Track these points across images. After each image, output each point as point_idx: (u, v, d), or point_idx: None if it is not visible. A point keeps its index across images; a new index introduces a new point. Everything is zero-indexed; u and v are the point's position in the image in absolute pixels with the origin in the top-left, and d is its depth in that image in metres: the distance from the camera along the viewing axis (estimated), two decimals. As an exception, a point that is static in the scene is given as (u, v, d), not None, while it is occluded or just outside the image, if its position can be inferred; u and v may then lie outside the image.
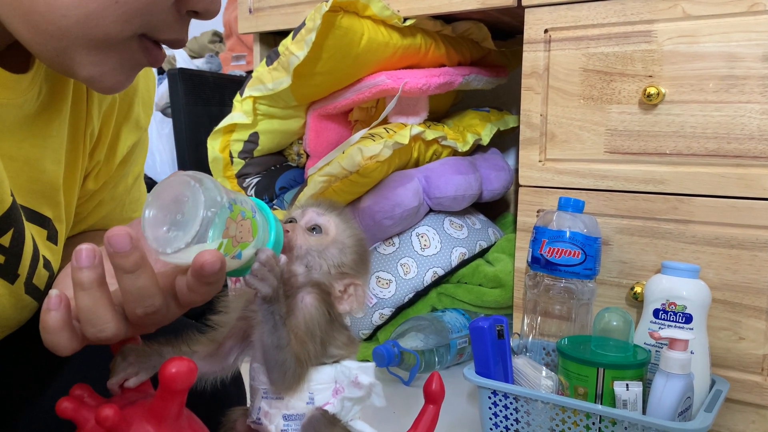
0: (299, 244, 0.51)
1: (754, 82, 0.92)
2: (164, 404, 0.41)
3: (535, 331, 1.03)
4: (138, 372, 0.48)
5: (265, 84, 1.22)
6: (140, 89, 0.66)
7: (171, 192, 0.40)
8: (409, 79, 1.25)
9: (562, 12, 1.06)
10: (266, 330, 0.46)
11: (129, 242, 0.39)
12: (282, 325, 0.46)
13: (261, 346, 0.48)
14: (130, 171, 0.69)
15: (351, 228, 0.54)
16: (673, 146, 0.98)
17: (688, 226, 0.98)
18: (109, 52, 0.46)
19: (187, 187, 0.39)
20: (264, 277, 0.44)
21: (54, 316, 0.41)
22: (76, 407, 0.43)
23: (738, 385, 0.95)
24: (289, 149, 1.49)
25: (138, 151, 0.69)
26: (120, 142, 0.65)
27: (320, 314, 0.50)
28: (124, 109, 0.64)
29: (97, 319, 0.41)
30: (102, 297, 0.41)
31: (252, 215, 0.43)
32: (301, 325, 0.49)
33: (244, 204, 0.43)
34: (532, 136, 1.10)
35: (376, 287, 1.25)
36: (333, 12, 1.15)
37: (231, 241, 0.41)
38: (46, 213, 0.55)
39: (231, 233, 0.40)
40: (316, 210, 0.53)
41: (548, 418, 0.86)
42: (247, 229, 0.42)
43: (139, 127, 0.67)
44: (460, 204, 1.30)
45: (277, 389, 0.49)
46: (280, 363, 0.47)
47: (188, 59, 2.06)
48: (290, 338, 0.47)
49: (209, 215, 0.39)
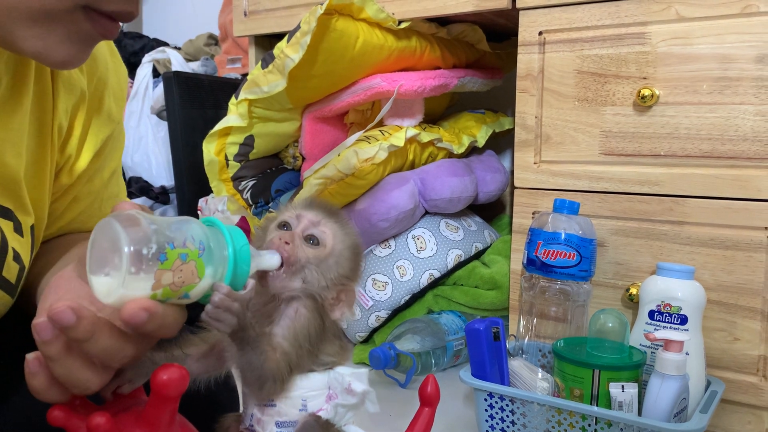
0: (298, 256, 0.50)
1: (748, 84, 0.92)
2: (156, 411, 0.41)
3: (531, 333, 1.03)
4: (131, 379, 0.47)
5: (261, 87, 1.22)
6: (110, 83, 0.66)
7: (107, 235, 0.39)
8: (404, 81, 1.25)
9: (557, 14, 1.06)
10: (235, 354, 0.46)
11: (72, 314, 0.39)
12: (252, 348, 0.46)
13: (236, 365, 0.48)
14: (106, 165, 0.68)
15: (348, 235, 0.53)
16: (667, 148, 0.99)
17: (683, 227, 0.98)
18: (52, 24, 0.45)
19: (116, 236, 0.38)
20: (219, 318, 0.43)
21: (38, 380, 0.42)
22: (67, 414, 0.43)
23: (733, 386, 0.95)
24: (285, 152, 1.49)
25: (113, 145, 0.69)
26: (92, 135, 0.64)
27: (314, 325, 0.50)
28: (95, 102, 0.64)
29: (78, 381, 0.42)
30: (74, 362, 0.41)
31: (198, 254, 0.41)
32: (290, 336, 0.49)
33: (189, 244, 0.41)
34: (527, 138, 1.10)
35: (372, 289, 1.25)
36: (328, 15, 1.15)
37: (169, 288, 0.40)
38: (6, 205, 0.55)
39: (165, 282, 0.39)
40: (312, 217, 0.52)
41: (544, 420, 0.86)
42: (190, 272, 0.41)
43: (112, 120, 0.66)
44: (456, 206, 1.30)
45: (257, 398, 0.50)
46: (255, 380, 0.48)
47: (183, 62, 2.06)
48: (265, 356, 0.47)
49: (133, 271, 0.38)
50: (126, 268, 0.38)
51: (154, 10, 2.84)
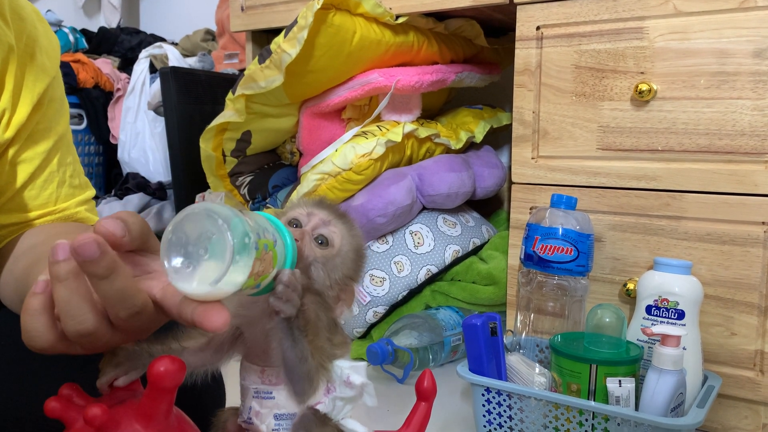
0: (307, 254, 0.50)
1: (745, 78, 0.92)
2: (153, 403, 0.40)
3: (529, 328, 1.03)
4: (127, 371, 0.47)
5: (258, 82, 1.22)
6: (41, 41, 0.66)
7: (196, 226, 0.38)
8: (401, 76, 1.25)
9: (554, 9, 1.06)
10: (288, 346, 0.46)
11: (97, 248, 0.39)
12: (302, 338, 0.46)
13: (283, 361, 0.47)
14: (52, 127, 0.68)
15: (354, 237, 0.53)
16: (665, 143, 0.99)
17: (681, 222, 0.98)
18: None
19: (215, 226, 0.38)
20: (289, 298, 0.44)
21: (37, 298, 0.41)
22: (64, 406, 0.43)
23: (730, 381, 0.95)
24: (282, 147, 1.48)
25: (56, 107, 0.69)
26: (27, 88, 0.65)
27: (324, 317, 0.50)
28: (26, 58, 0.65)
29: (75, 310, 0.40)
30: (79, 288, 0.41)
31: (273, 245, 0.42)
32: (313, 330, 0.49)
33: (267, 234, 0.41)
34: (525, 133, 1.10)
35: (370, 285, 1.25)
36: (325, 10, 1.14)
37: (253, 278, 0.40)
38: None
39: (254, 271, 0.39)
40: (323, 216, 0.52)
41: (541, 414, 0.86)
42: (269, 262, 0.41)
43: (47, 73, 0.67)
44: (454, 201, 1.30)
45: (302, 399, 0.49)
46: (305, 374, 0.47)
47: (180, 58, 2.05)
48: (309, 348, 0.47)
49: (237, 259, 0.37)
50: (229, 260, 0.37)
51: (151, 6, 2.84)
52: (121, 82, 2.17)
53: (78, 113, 2.13)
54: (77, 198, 0.71)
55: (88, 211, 0.73)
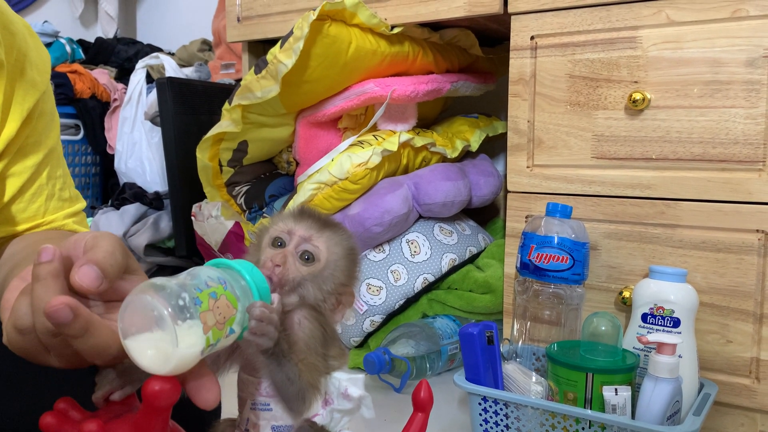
0: (292, 277, 0.49)
1: (738, 87, 0.93)
2: (148, 420, 0.40)
3: (525, 337, 1.03)
4: (123, 385, 0.47)
5: (254, 92, 1.22)
6: (31, 56, 0.66)
7: (138, 310, 0.39)
8: (397, 86, 1.25)
9: (548, 19, 1.06)
10: (273, 369, 0.46)
11: (70, 312, 0.39)
12: (287, 360, 0.46)
13: (272, 384, 0.48)
14: (42, 141, 0.68)
15: (341, 244, 0.52)
16: (659, 151, 0.99)
17: (675, 230, 0.98)
18: None
19: (147, 303, 0.38)
20: (264, 332, 0.44)
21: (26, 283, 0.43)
22: (59, 421, 0.42)
23: (726, 388, 0.95)
24: (279, 157, 1.49)
25: (46, 121, 0.69)
26: (17, 103, 0.65)
27: (319, 331, 0.50)
28: (16, 72, 0.65)
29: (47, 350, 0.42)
30: (55, 287, 0.41)
31: (223, 288, 0.42)
32: (304, 348, 0.49)
33: (210, 283, 0.41)
34: (520, 142, 1.11)
35: (367, 294, 1.25)
36: (320, 20, 1.15)
37: (216, 329, 0.40)
38: None
39: (210, 323, 0.40)
40: (303, 233, 0.51)
41: (538, 423, 0.86)
42: (225, 305, 0.41)
43: (37, 89, 0.67)
44: (450, 210, 1.30)
45: (296, 416, 0.49)
46: (295, 394, 0.47)
47: (177, 68, 2.06)
48: (298, 368, 0.47)
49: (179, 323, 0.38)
50: (172, 325, 0.38)
51: (148, 16, 2.85)
52: (117, 93, 2.18)
53: (75, 123, 2.14)
54: (65, 210, 0.72)
55: (77, 223, 0.73)
